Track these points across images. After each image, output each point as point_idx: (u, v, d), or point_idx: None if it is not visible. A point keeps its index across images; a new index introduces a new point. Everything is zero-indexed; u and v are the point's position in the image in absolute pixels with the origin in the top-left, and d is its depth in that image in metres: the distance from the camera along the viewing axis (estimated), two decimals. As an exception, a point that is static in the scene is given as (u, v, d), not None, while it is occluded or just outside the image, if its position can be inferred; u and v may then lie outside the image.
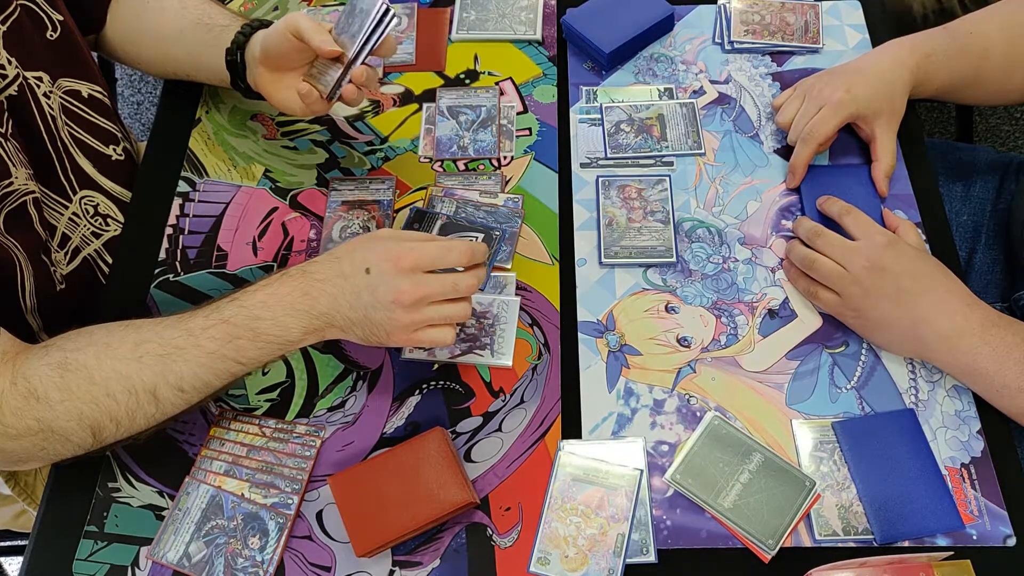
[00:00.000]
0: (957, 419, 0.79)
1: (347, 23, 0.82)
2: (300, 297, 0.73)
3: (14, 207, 0.82)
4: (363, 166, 0.98)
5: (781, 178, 0.94)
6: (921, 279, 0.78)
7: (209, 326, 0.73)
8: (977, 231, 1.06)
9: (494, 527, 0.76)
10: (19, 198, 0.83)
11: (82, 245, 0.94)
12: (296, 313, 0.73)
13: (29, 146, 0.86)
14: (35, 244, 0.86)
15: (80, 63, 0.94)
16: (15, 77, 0.84)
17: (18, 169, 0.82)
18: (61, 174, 0.91)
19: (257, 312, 0.73)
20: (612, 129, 0.98)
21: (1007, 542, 0.73)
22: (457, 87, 1.03)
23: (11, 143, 0.83)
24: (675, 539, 0.74)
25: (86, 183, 0.94)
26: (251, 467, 0.79)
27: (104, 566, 0.75)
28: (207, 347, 0.72)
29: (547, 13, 1.09)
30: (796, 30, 1.04)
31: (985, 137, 1.91)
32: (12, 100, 0.84)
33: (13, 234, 0.82)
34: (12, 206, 0.82)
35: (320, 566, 0.75)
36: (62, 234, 0.92)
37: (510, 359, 0.83)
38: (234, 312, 0.73)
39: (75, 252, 0.93)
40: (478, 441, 0.80)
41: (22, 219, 0.84)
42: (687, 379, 0.82)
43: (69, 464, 0.77)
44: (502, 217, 0.92)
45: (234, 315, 0.73)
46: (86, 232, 0.94)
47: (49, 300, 0.88)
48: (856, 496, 0.75)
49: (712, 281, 0.88)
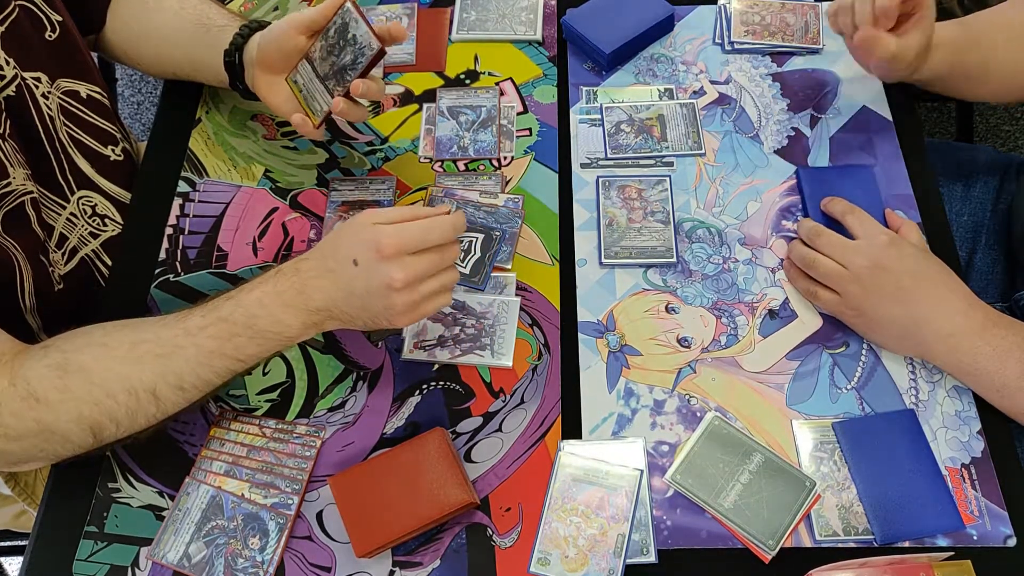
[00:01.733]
0: (957, 419, 0.79)
1: (336, 44, 0.82)
2: (295, 295, 0.73)
3: (12, 207, 0.82)
4: (363, 166, 0.98)
5: (782, 179, 0.94)
6: (922, 278, 0.78)
7: (207, 325, 0.73)
8: (977, 231, 1.06)
9: (494, 527, 0.76)
10: (17, 198, 0.83)
11: (80, 245, 0.94)
12: (293, 310, 0.73)
13: (27, 146, 0.86)
14: (33, 244, 0.86)
15: (79, 63, 0.94)
16: (13, 78, 0.84)
17: (16, 169, 0.82)
18: (59, 174, 0.91)
19: (254, 310, 0.73)
20: (612, 129, 0.98)
21: (1007, 542, 0.73)
22: (457, 87, 1.03)
23: (9, 144, 0.83)
24: (675, 539, 0.74)
25: (84, 183, 0.94)
26: (251, 467, 0.79)
27: (104, 566, 0.75)
28: (206, 346, 0.72)
29: (547, 13, 1.09)
30: (796, 30, 1.04)
31: (985, 137, 1.91)
32: (10, 101, 0.84)
33: (11, 234, 0.82)
34: (10, 206, 0.82)
35: (320, 566, 0.75)
36: (59, 234, 0.92)
37: (510, 359, 0.83)
38: (231, 310, 0.73)
39: (72, 252, 0.93)
40: (478, 441, 0.80)
41: (20, 219, 0.84)
42: (687, 379, 0.82)
43: (69, 464, 0.77)
44: (502, 217, 0.92)
45: (231, 313, 0.73)
46: (84, 232, 0.94)
47: (48, 300, 0.88)
48: (856, 496, 0.75)
49: (712, 281, 0.88)
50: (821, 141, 0.97)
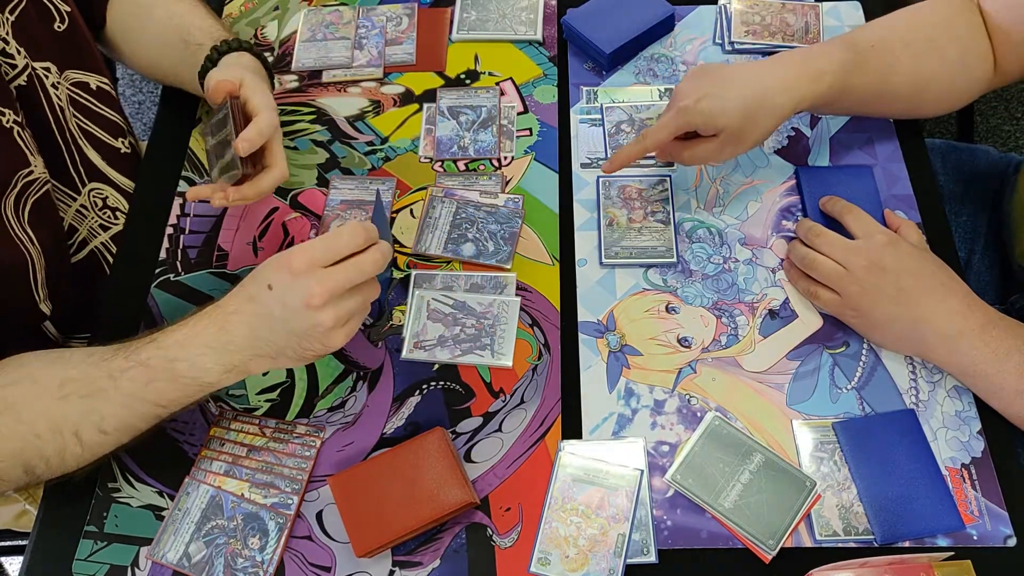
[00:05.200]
0: (957, 419, 0.79)
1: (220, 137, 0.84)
2: (216, 333, 0.69)
3: (38, 196, 0.82)
4: (363, 166, 0.98)
5: (782, 179, 0.94)
6: (922, 278, 0.78)
7: (128, 368, 0.69)
8: (976, 232, 1.06)
9: (494, 527, 0.76)
10: (41, 187, 0.83)
11: (89, 237, 0.94)
12: (212, 351, 0.69)
13: (40, 137, 0.86)
14: (53, 233, 0.86)
15: (88, 55, 0.94)
16: (24, 67, 0.84)
17: (36, 158, 0.82)
18: (70, 165, 0.91)
19: (173, 353, 0.69)
20: (613, 129, 0.98)
21: (1007, 542, 0.73)
22: (457, 87, 1.03)
23: (27, 132, 0.83)
24: (676, 539, 0.74)
25: (95, 175, 0.94)
26: (251, 467, 0.79)
27: (104, 566, 0.75)
28: (126, 389, 0.69)
29: (548, 13, 1.09)
30: (797, 31, 1.04)
31: (986, 137, 1.91)
32: (22, 90, 0.84)
33: (35, 225, 0.82)
34: (36, 195, 0.82)
35: (320, 566, 0.75)
36: (69, 225, 0.92)
37: (510, 359, 0.83)
38: (151, 354, 0.70)
39: (82, 244, 0.93)
40: (478, 441, 0.80)
41: (45, 208, 0.84)
42: (687, 379, 0.82)
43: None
44: (502, 217, 0.92)
45: (151, 357, 0.69)
46: (94, 224, 0.94)
47: (59, 289, 0.89)
48: (856, 496, 0.75)
49: (713, 281, 0.88)
50: (821, 141, 0.97)
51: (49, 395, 0.69)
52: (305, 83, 1.05)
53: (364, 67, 1.05)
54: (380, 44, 1.07)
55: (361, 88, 1.04)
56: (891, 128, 0.97)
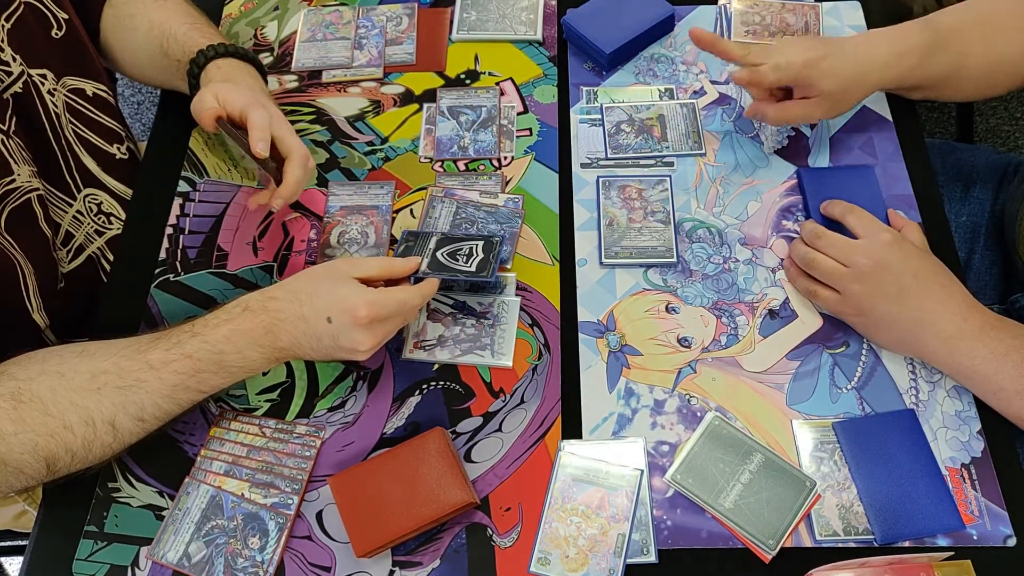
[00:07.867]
0: (957, 419, 0.79)
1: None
2: (263, 334, 0.74)
3: (17, 205, 0.82)
4: (363, 166, 0.98)
5: (782, 179, 0.94)
6: (924, 279, 0.78)
7: (171, 360, 0.73)
8: (976, 232, 1.06)
9: (494, 527, 0.76)
10: (22, 195, 0.83)
11: (86, 243, 0.94)
12: (260, 347, 0.75)
13: (34, 144, 0.86)
14: (38, 242, 0.86)
15: (85, 62, 0.94)
16: (20, 74, 0.84)
17: (20, 167, 0.82)
18: (65, 172, 0.91)
19: (221, 347, 0.74)
20: (613, 129, 0.98)
21: (1007, 542, 0.73)
22: (457, 87, 1.03)
23: (14, 140, 0.83)
24: (676, 539, 0.74)
25: (90, 181, 0.94)
26: (251, 467, 0.79)
27: (104, 566, 0.75)
28: (170, 380, 0.73)
29: (547, 13, 1.09)
30: (797, 31, 1.04)
31: (985, 137, 1.91)
32: (17, 97, 0.84)
33: (14, 233, 0.82)
34: (15, 204, 0.82)
35: (320, 566, 0.75)
36: (65, 232, 0.92)
37: (510, 359, 0.83)
38: (197, 348, 0.73)
39: (79, 250, 0.93)
40: (478, 441, 0.80)
41: (26, 217, 0.84)
42: (687, 379, 0.82)
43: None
44: (502, 217, 0.92)
45: (197, 351, 0.73)
46: (90, 230, 0.94)
47: (53, 298, 0.88)
48: (856, 496, 0.75)
49: (712, 281, 0.88)
50: (821, 141, 0.97)
51: (80, 387, 0.71)
52: (305, 83, 1.05)
53: (364, 67, 1.05)
54: (380, 44, 1.07)
55: (361, 88, 1.04)
56: (891, 128, 0.97)
